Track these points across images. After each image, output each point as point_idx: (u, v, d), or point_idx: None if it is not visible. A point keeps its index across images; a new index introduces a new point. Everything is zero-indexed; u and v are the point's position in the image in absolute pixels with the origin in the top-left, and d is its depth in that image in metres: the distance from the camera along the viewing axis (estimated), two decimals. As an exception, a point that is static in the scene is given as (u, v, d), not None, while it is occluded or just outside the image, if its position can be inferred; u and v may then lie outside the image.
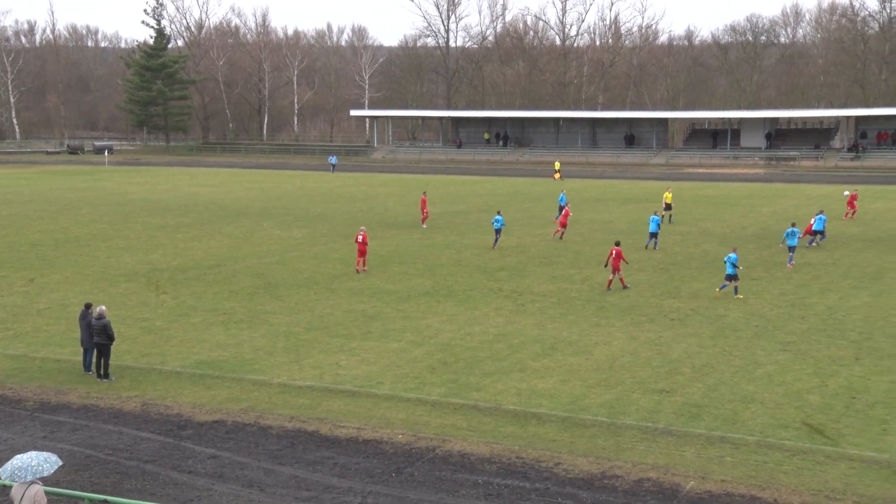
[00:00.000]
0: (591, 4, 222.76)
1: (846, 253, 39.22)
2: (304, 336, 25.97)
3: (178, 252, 40.85)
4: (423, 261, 38.58)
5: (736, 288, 30.74)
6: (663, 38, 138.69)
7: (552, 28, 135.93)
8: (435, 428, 18.72)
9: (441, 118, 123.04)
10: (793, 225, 37.44)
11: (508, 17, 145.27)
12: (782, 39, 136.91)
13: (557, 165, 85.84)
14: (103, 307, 22.52)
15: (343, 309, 29.48)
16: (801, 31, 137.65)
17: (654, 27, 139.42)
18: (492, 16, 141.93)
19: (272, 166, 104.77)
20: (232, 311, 29.06)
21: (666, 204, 50.63)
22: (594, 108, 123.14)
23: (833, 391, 20.60)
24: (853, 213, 50.74)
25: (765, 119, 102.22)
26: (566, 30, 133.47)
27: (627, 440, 17.97)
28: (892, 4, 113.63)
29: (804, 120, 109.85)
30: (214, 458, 17.18)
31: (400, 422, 19.09)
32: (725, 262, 31.15)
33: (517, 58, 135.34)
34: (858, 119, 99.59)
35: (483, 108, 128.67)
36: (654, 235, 40.91)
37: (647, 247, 40.92)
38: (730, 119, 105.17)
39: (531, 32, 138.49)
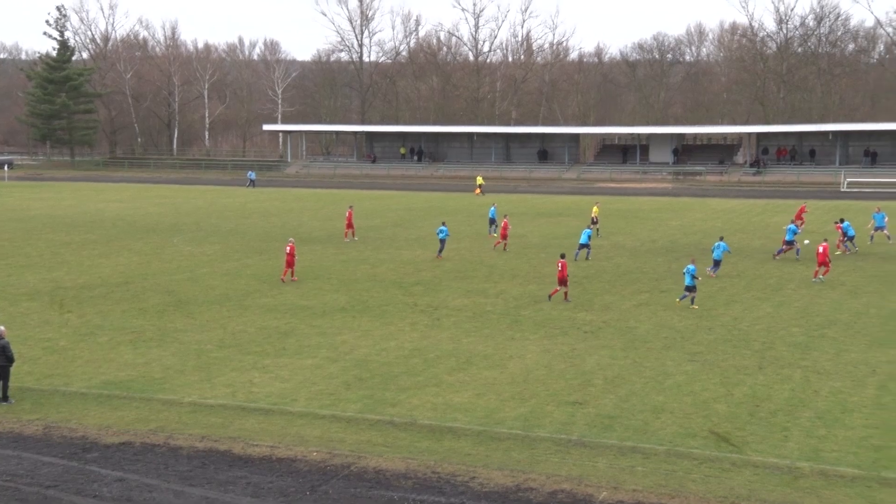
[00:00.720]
0: (503, 21, 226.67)
1: (749, 265, 40.49)
2: (215, 354, 25.52)
3: (84, 269, 39.71)
4: (338, 276, 38.36)
5: (693, 299, 31.53)
6: (574, 55, 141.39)
7: (465, 44, 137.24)
8: (350, 444, 18.60)
9: (355, 133, 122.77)
10: (721, 238, 38.90)
11: (422, 33, 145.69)
12: (687, 58, 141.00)
13: (479, 180, 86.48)
14: (2, 328, 21.73)
15: (256, 325, 29.08)
16: (704, 49, 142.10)
17: (564, 44, 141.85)
18: (405, 31, 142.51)
19: (183, 181, 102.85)
20: (141, 330, 28.38)
21: (593, 218, 51.99)
22: (507, 124, 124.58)
23: (738, 400, 21.21)
24: (801, 225, 52.23)
25: (672, 135, 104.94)
26: (479, 46, 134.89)
27: (542, 452, 18.16)
28: (789, 25, 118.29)
29: (709, 136, 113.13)
30: (121, 482, 16.71)
31: (315, 439, 18.90)
32: (685, 274, 31.92)
33: (431, 73, 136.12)
34: (760, 135, 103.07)
35: (397, 122, 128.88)
36: (583, 246, 41.86)
37: (576, 258, 41.47)
38: (639, 135, 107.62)
39: (444, 48, 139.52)
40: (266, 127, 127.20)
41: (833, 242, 42.84)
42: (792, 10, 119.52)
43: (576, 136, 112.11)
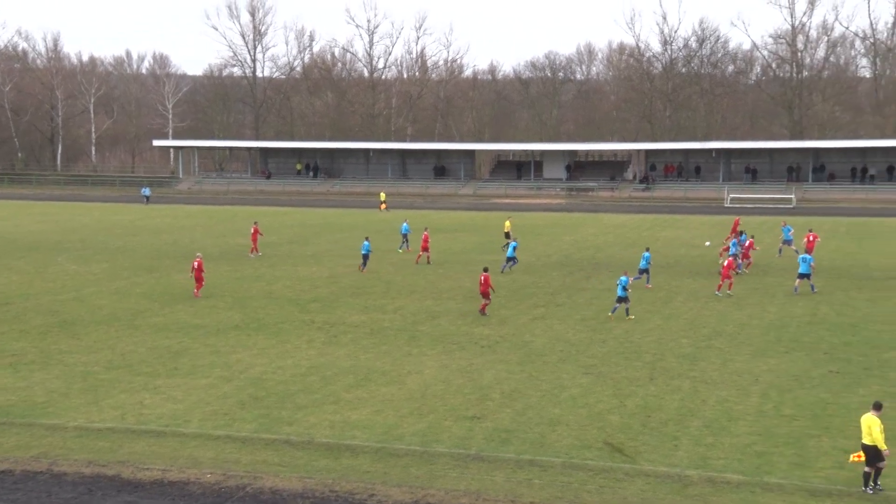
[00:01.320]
0: (397, 38, 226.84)
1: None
2: (103, 376, 24.68)
3: (-39, 290, 37.86)
4: (232, 294, 37.66)
5: (627, 309, 32.30)
6: (468, 72, 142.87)
7: (360, 60, 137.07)
8: (245, 465, 18.24)
9: (249, 149, 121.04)
10: (647, 249, 40.45)
11: (316, 49, 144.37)
12: (578, 76, 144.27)
13: (383, 196, 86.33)
14: None
15: (147, 345, 28.27)
16: (594, 68, 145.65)
17: (459, 61, 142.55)
18: (299, 47, 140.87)
19: (68, 198, 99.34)
20: (22, 352, 27.22)
21: (506, 233, 53.40)
22: (403, 140, 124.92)
23: (631, 411, 21.71)
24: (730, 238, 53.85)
25: (565, 151, 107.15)
26: (374, 62, 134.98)
27: (440, 468, 18.19)
28: (673, 47, 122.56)
29: (600, 153, 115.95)
30: (3, 512, 15.96)
31: (209, 460, 18.47)
32: (617, 285, 32.61)
33: (326, 89, 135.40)
34: (648, 152, 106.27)
35: (292, 138, 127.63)
36: (510, 259, 43.60)
37: (502, 271, 42.74)
38: (533, 151, 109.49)
39: (339, 64, 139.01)
40: (156, 142, 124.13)
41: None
42: (675, 31, 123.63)
43: (471, 153, 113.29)
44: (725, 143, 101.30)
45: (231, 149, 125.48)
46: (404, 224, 53.63)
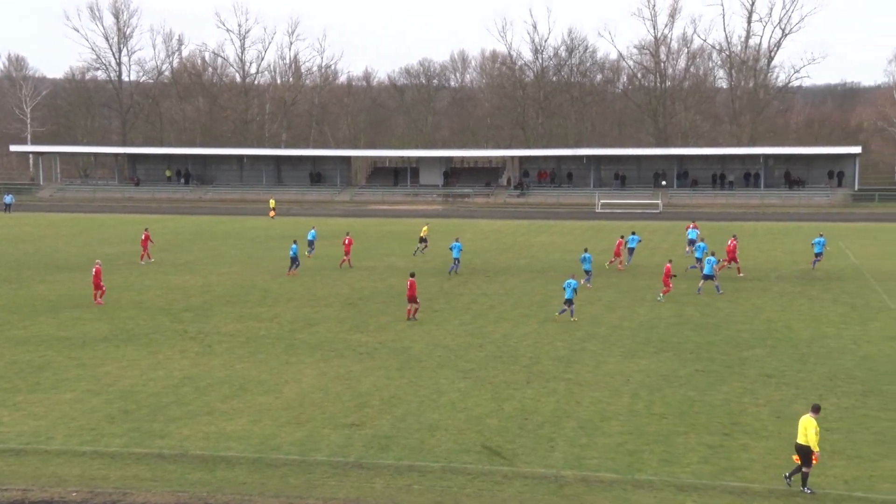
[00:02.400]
0: (269, 43, 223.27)
1: (517, 283, 42.26)
2: (-41, 393, 23.32)
3: None
4: (99, 304, 36.26)
5: (572, 311, 32.98)
6: (343, 79, 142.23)
7: (232, 65, 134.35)
8: (114, 481, 17.57)
9: (116, 155, 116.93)
10: (585, 250, 41.68)
11: (185, 53, 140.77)
12: (452, 83, 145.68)
13: (272, 203, 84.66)
14: None
15: (6, 360, 26.90)
16: (468, 76, 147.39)
17: (333, 67, 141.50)
18: (167, 51, 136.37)
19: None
20: None
21: (421, 237, 53.95)
22: (278, 146, 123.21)
23: (508, 414, 22.02)
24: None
25: (441, 158, 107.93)
26: (246, 67, 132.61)
27: (319, 476, 17.99)
28: (544, 56, 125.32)
29: (476, 159, 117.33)
30: None
31: (74, 478, 17.70)
32: (565, 288, 33.12)
33: (196, 94, 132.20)
34: (522, 159, 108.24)
35: (162, 144, 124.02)
36: (456, 261, 45.06)
37: (450, 272, 44.59)
38: (409, 158, 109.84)
39: (210, 69, 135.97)
40: (13, 148, 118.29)
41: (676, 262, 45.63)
42: (546, 41, 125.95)
43: (347, 159, 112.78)
44: (595, 150, 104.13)
45: (96, 155, 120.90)
46: (311, 231, 53.65)
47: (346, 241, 48.03)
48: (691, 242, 51.02)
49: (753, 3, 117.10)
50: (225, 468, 18.39)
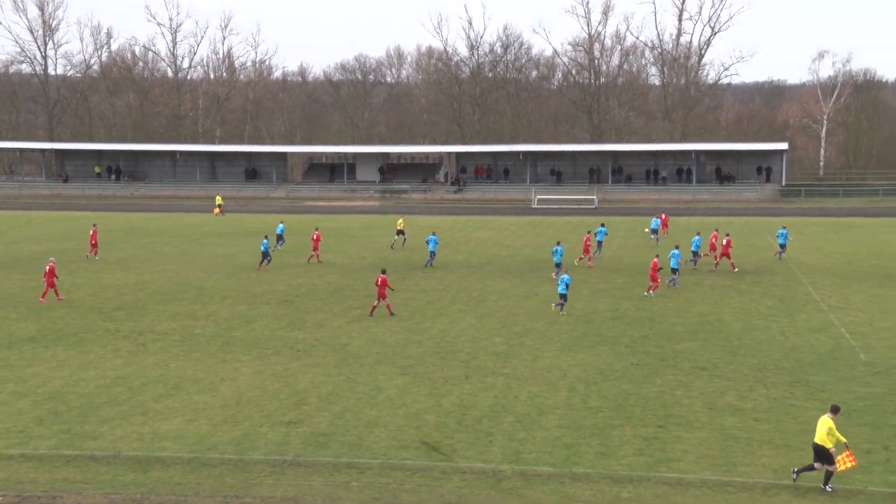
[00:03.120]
0: (202, 37, 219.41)
1: (454, 279, 42.36)
2: None
3: None
4: (26, 304, 35.36)
5: (562, 306, 33.75)
6: (278, 74, 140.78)
7: (163, 60, 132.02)
8: (43, 485, 17.17)
9: (43, 150, 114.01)
10: (558, 243, 43.27)
11: (114, 46, 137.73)
12: (388, 79, 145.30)
13: (219, 200, 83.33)
14: None
15: (-71, 363, 26.06)
16: (404, 72, 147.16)
17: (267, 62, 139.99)
18: (95, 44, 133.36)
19: None
20: None
21: (399, 230, 55.37)
22: (212, 142, 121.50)
23: (447, 409, 22.08)
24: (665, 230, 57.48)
25: (377, 154, 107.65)
26: (178, 62, 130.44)
27: (256, 475, 17.82)
28: (479, 52, 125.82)
29: (412, 155, 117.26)
30: None
31: (1, 482, 17.24)
32: (559, 284, 34.01)
33: (127, 89, 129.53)
34: (459, 155, 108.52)
35: (91, 140, 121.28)
36: (432, 254, 46.21)
37: (426, 265, 45.72)
38: (345, 154, 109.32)
39: (141, 63, 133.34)
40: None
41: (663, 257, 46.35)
42: (481, 37, 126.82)
43: (283, 155, 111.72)
44: (532, 146, 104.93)
45: (22, 150, 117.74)
46: (280, 225, 55.20)
47: (315, 237, 48.45)
48: (654, 231, 54.72)
49: (684, 2, 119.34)
50: (159, 469, 18.11)
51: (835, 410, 17.83)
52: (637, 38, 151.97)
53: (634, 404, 22.40)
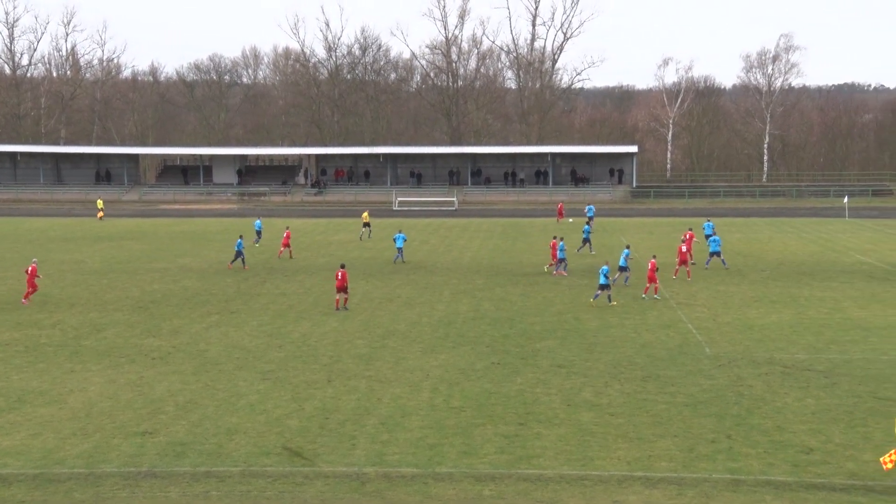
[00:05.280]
0: (42, 33, 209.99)
1: (316, 282, 41.96)
2: None
3: None
4: None
5: (609, 296, 35.38)
6: (127, 73, 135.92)
7: (0, 56, 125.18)
8: None
9: None
10: (560, 239, 44.67)
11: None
12: (245, 80, 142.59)
13: (100, 204, 79.23)
14: None
15: None
16: (261, 72, 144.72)
17: (115, 61, 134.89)
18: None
19: None
20: None
21: (364, 223, 60.60)
22: (56, 143, 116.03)
23: (309, 414, 21.84)
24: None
25: (235, 156, 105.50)
26: (17, 59, 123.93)
27: (108, 489, 17.13)
28: (337, 53, 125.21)
29: (271, 157, 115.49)
30: None
31: None
32: (599, 274, 35.81)
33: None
34: (319, 157, 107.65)
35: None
36: (400, 251, 48.15)
37: (395, 261, 47.90)
38: (202, 155, 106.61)
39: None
40: None
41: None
42: (339, 39, 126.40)
43: (135, 157, 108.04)
44: (392, 148, 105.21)
45: None
46: (257, 221, 58.20)
47: (286, 235, 50.93)
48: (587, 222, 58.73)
49: (537, 8, 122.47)
50: (1, 487, 17.13)
51: None
52: (493, 42, 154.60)
53: (496, 403, 22.76)
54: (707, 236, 49.76)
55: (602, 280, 35.66)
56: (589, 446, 19.59)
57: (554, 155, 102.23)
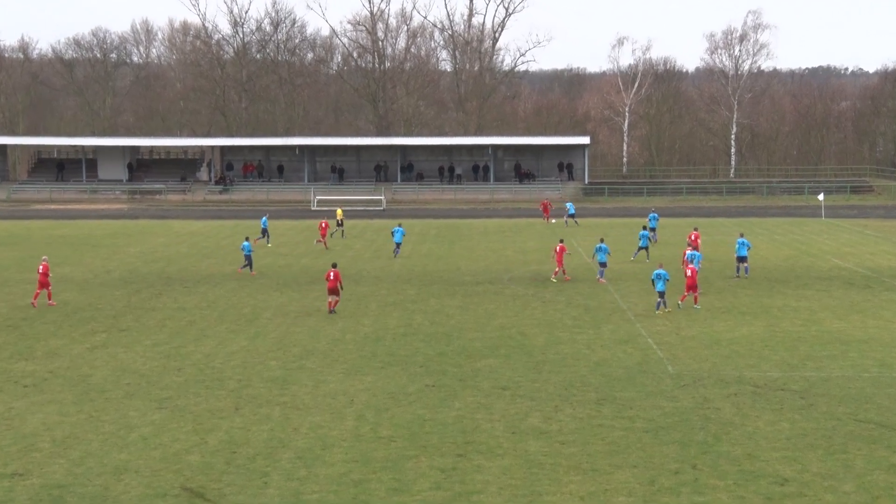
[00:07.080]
0: None
1: (221, 294, 41.49)
2: None
3: None
4: None
5: (665, 302, 36.52)
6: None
7: None
8: None
9: None
10: (600, 240, 45.64)
11: None
12: (136, 59, 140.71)
13: None
14: None
15: None
16: (154, 50, 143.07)
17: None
18: None
19: None
20: None
21: (338, 220, 64.43)
22: None
23: (213, 448, 21.58)
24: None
25: (124, 147, 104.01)
26: None
27: (-26, 543, 16.67)
28: (245, 29, 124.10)
29: (168, 149, 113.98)
30: None
31: None
32: (655, 281, 36.68)
33: None
34: (224, 149, 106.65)
35: None
36: (398, 245, 52.72)
37: (394, 256, 51.97)
38: (84, 147, 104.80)
39: None
40: None
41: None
42: (247, 12, 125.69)
43: (3, 148, 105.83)
44: (309, 139, 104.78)
45: None
46: (263, 218, 60.80)
47: (323, 224, 57.72)
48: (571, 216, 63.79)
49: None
50: None
51: None
52: (425, 17, 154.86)
53: (430, 431, 22.77)
54: (653, 229, 53.55)
55: (660, 286, 36.83)
56: (537, 480, 19.70)
57: (495, 147, 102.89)
